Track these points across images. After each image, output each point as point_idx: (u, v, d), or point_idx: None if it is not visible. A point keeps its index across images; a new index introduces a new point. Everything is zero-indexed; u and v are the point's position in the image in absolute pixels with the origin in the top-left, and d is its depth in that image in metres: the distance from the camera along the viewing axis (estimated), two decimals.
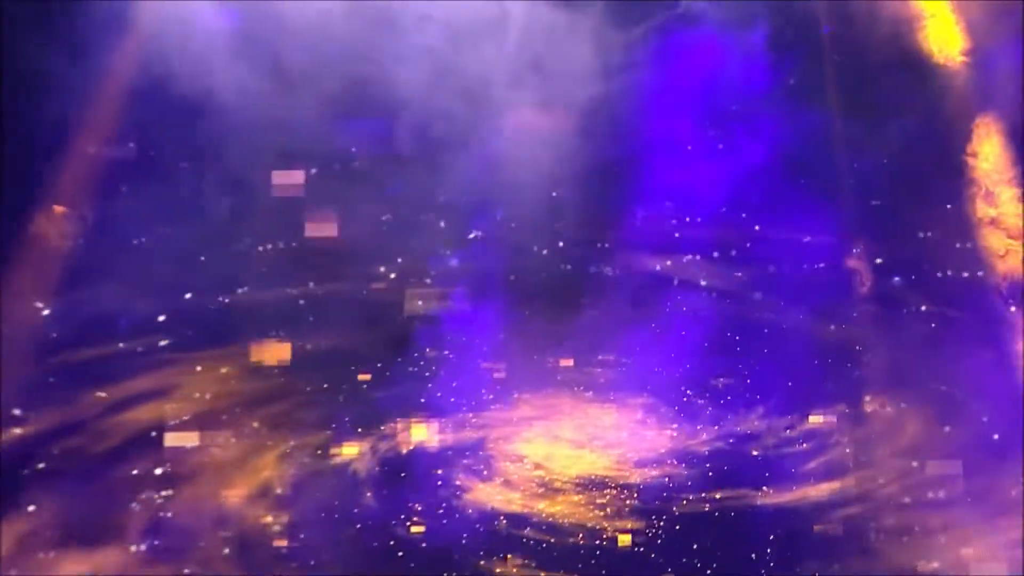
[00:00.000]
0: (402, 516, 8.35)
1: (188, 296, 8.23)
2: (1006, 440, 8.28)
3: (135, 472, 8.00)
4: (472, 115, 8.39)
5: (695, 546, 8.44)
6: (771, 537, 8.44)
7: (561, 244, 8.70)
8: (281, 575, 8.06)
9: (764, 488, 8.51)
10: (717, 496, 8.54)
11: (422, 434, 8.41)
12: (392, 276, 8.52)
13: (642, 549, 8.43)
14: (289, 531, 8.20)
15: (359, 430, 8.41)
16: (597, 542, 8.49)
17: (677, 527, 8.52)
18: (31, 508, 7.77)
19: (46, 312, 7.95)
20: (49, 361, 7.96)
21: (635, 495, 8.50)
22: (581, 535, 8.50)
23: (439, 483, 8.50)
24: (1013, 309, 8.43)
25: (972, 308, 8.52)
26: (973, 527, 8.35)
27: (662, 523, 8.50)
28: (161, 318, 8.17)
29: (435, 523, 8.41)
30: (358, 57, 8.26)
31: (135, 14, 8.07)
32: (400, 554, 8.32)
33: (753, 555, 8.45)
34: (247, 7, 8.17)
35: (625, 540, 8.35)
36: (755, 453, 8.62)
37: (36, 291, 7.92)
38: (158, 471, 8.06)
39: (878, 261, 8.70)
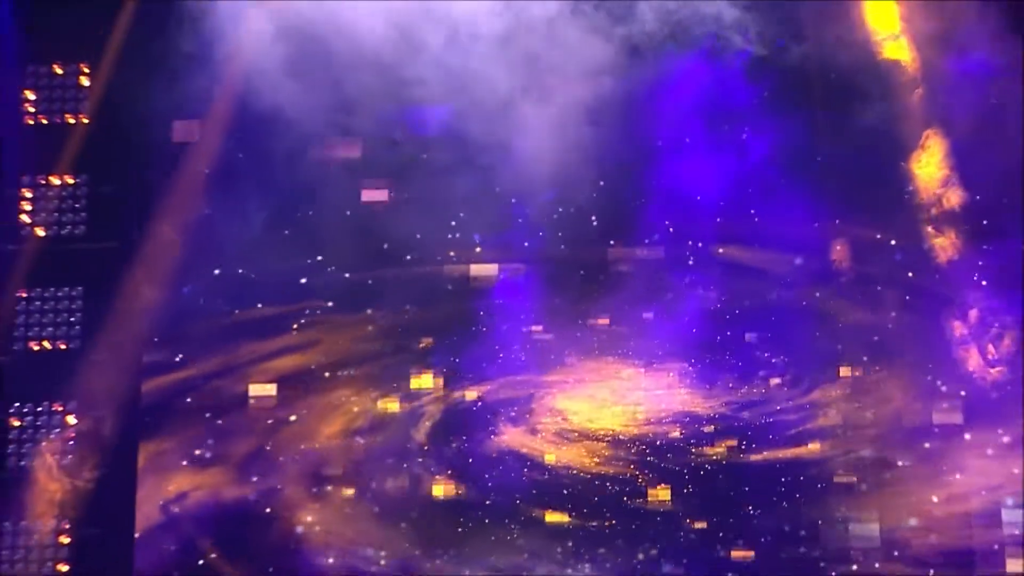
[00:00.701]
0: (453, 465, 9.77)
1: (330, 269, 10.15)
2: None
3: (259, 407, 9.94)
4: (509, 116, 9.82)
5: (715, 497, 9.63)
6: (782, 489, 9.66)
7: (595, 222, 10.06)
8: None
9: (775, 444, 9.79)
10: (731, 450, 9.77)
11: (472, 392, 9.87)
12: (451, 254, 10.07)
13: (669, 499, 9.66)
14: (355, 473, 9.74)
15: (420, 387, 9.98)
16: (628, 490, 9.68)
17: (699, 478, 9.74)
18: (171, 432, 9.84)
19: (217, 274, 10.03)
20: (220, 320, 9.98)
21: (661, 449, 9.75)
22: (613, 485, 9.71)
23: (486, 436, 9.86)
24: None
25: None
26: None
27: (685, 475, 9.70)
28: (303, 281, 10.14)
29: (482, 472, 9.73)
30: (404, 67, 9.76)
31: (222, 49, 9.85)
32: (450, 500, 9.70)
33: (769, 501, 9.69)
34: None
35: (659, 494, 9.56)
36: (766, 413, 9.82)
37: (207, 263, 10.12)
38: (274, 407, 9.93)
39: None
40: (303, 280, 10.27)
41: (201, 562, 9.60)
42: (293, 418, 9.98)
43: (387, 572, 9.74)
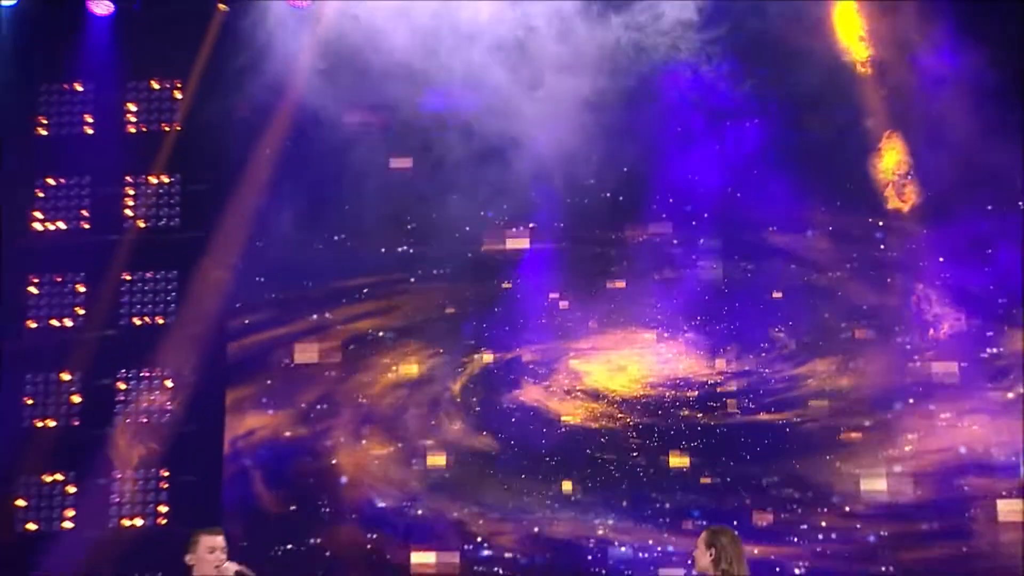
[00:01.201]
0: (484, 420, 11.06)
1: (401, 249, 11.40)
2: None
3: (328, 360, 11.27)
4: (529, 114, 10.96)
5: (722, 452, 10.82)
6: (784, 446, 10.81)
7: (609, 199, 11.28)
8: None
9: (776, 406, 10.98)
10: (736, 410, 10.99)
11: (502, 355, 11.16)
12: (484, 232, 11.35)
13: (680, 456, 10.87)
14: (400, 424, 11.06)
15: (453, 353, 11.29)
16: (642, 445, 10.89)
17: (706, 435, 10.94)
18: (253, 385, 11.21)
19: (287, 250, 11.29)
20: (292, 291, 11.33)
21: (670, 409, 10.95)
22: (626, 441, 10.90)
23: (512, 396, 11.15)
24: None
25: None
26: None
27: (693, 432, 10.90)
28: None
29: (508, 431, 10.98)
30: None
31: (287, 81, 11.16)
32: (482, 452, 10.97)
33: (770, 457, 10.83)
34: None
35: (671, 454, 10.78)
36: (767, 378, 11.00)
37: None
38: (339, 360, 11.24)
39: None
40: (361, 255, 11.41)
41: (272, 500, 10.87)
42: (351, 374, 11.26)
43: (424, 515, 10.89)
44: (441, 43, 10.97)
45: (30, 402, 11.08)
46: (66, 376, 11.09)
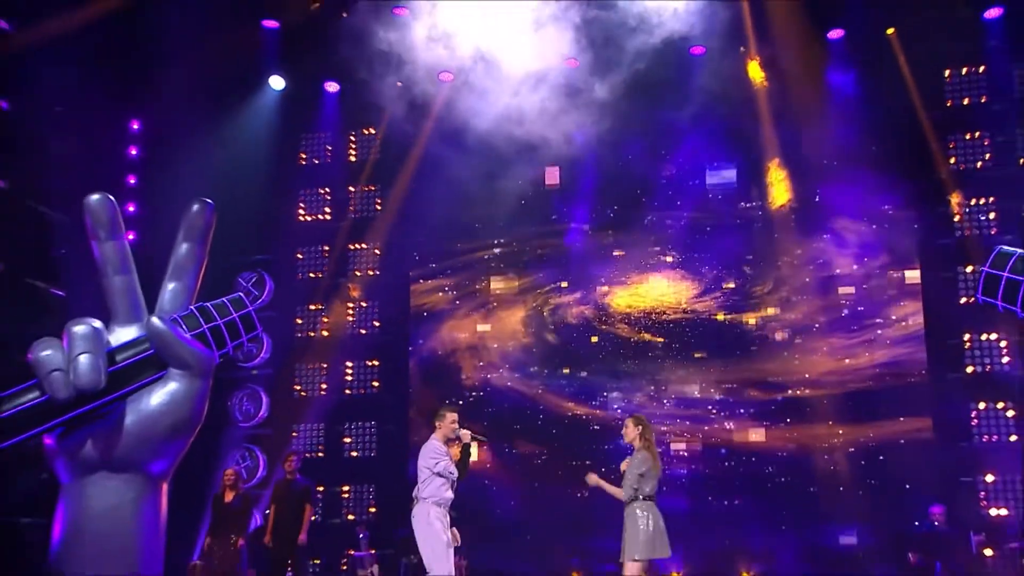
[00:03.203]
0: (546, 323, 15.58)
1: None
2: None
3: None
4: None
5: (707, 342, 14.98)
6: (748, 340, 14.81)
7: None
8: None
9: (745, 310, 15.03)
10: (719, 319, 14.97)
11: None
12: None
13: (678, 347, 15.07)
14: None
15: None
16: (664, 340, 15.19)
17: (699, 333, 15.11)
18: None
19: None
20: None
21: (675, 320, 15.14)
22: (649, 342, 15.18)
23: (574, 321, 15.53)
24: None
25: None
26: None
27: (687, 330, 15.12)
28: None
29: (568, 341, 15.48)
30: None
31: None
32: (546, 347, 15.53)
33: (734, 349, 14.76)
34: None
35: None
36: (742, 295, 14.94)
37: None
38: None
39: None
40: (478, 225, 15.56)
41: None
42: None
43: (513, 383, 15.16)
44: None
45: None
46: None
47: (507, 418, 15.28)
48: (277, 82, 15.87)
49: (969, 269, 13.61)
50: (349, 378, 15.99)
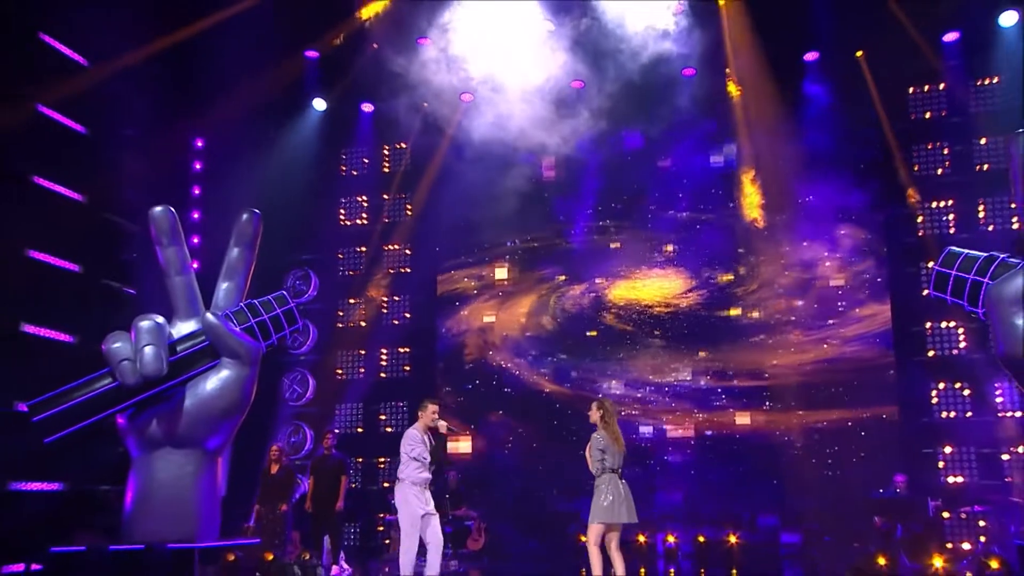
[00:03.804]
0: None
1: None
2: None
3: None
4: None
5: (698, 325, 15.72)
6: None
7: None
8: None
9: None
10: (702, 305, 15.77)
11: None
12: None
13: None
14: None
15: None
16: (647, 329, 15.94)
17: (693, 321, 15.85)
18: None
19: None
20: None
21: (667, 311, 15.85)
22: (640, 326, 15.92)
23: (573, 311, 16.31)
24: None
25: None
26: None
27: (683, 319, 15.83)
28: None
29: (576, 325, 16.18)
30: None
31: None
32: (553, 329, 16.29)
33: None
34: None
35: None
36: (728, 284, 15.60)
37: None
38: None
39: None
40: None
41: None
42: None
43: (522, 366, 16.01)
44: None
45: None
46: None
47: (516, 397, 16.21)
48: (319, 104, 16.69)
49: (930, 264, 13.64)
50: (384, 363, 16.80)
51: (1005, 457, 13.63)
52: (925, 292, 13.97)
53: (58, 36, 12.77)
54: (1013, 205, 13.40)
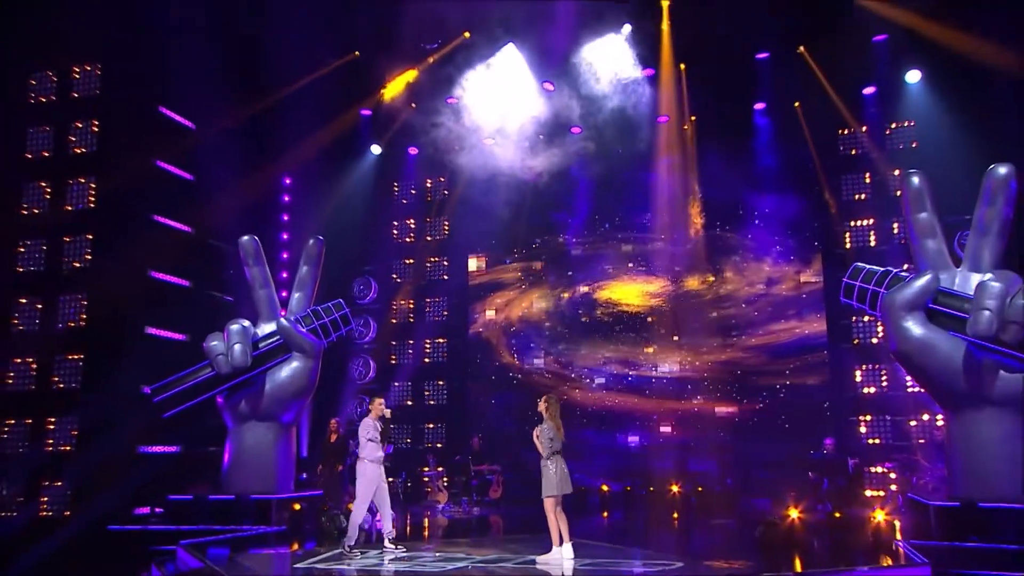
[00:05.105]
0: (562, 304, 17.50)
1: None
2: None
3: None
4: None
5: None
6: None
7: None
8: None
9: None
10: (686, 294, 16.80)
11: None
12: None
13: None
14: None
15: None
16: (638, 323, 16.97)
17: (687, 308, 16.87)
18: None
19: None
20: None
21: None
22: (631, 319, 16.94)
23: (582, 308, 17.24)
24: None
25: None
26: None
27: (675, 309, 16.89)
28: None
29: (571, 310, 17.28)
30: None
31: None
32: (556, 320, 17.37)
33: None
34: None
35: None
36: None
37: None
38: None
39: None
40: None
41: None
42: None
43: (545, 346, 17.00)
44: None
45: None
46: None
47: (521, 380, 17.20)
48: (376, 148, 18.24)
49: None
50: (428, 350, 18.06)
51: (912, 423, 14.57)
52: None
53: (172, 106, 13.85)
54: (895, 229, 14.08)
